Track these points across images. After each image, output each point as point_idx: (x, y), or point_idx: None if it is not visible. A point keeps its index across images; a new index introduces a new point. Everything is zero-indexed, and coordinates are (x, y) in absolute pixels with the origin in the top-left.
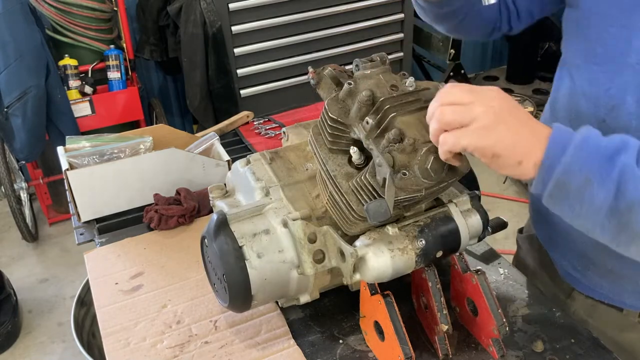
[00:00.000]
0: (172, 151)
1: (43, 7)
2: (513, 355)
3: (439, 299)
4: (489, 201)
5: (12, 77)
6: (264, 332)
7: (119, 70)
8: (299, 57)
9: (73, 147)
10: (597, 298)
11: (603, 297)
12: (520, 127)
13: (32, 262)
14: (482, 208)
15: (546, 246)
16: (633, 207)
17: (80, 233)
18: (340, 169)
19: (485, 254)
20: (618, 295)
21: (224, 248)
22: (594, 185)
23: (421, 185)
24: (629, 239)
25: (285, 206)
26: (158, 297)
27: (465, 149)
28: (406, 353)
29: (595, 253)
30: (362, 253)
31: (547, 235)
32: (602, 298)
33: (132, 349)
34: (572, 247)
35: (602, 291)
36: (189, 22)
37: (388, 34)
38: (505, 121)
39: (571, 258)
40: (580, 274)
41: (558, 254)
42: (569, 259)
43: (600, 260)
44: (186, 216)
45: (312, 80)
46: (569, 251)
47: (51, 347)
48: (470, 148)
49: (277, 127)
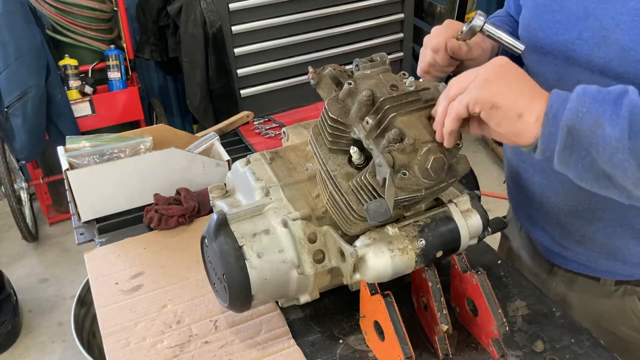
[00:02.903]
0: (172, 151)
1: (43, 7)
2: (513, 355)
3: (439, 299)
4: (489, 201)
5: (12, 77)
6: (264, 332)
7: (119, 70)
8: (299, 57)
9: (73, 147)
10: (576, 270)
11: (581, 267)
12: (521, 85)
13: (32, 262)
14: (482, 208)
15: (524, 224)
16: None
17: (80, 233)
18: (340, 169)
19: (485, 254)
20: (594, 263)
21: (224, 248)
22: (605, 126)
23: (421, 185)
24: None
25: (285, 206)
26: (158, 297)
27: (467, 107)
28: (406, 353)
29: (568, 219)
30: (362, 253)
31: (525, 212)
32: (580, 269)
33: (132, 348)
34: (548, 219)
35: (579, 261)
36: (189, 22)
37: (388, 34)
38: (506, 77)
39: (549, 229)
40: (558, 246)
41: (537, 229)
42: (547, 231)
43: (574, 226)
44: (186, 216)
45: (312, 80)
46: (545, 223)
47: (51, 347)
48: (472, 103)
49: (277, 127)
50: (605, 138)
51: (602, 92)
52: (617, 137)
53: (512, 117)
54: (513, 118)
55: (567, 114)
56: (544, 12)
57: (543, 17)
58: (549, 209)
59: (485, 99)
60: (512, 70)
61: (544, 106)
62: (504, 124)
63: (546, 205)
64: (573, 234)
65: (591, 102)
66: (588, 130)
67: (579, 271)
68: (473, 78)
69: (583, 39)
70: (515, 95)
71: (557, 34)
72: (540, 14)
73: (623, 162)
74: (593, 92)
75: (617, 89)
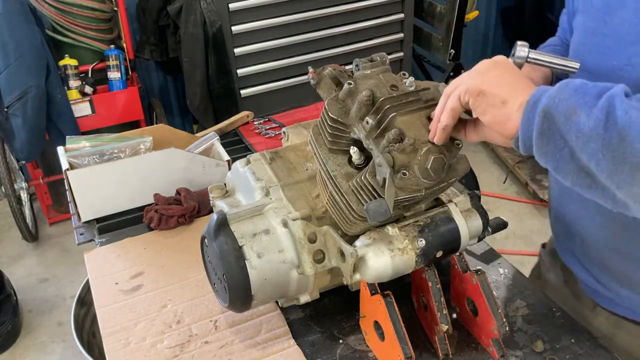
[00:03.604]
0: (172, 151)
1: (43, 7)
2: (513, 355)
3: (439, 299)
4: (489, 201)
5: (12, 77)
6: (264, 332)
7: (119, 70)
8: (299, 57)
9: (73, 147)
10: (620, 313)
11: (626, 311)
12: (512, 77)
13: (32, 262)
14: (482, 208)
15: (565, 260)
16: (626, 135)
17: (80, 233)
18: (340, 169)
19: (485, 254)
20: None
21: (224, 248)
22: (581, 113)
23: (421, 185)
24: (627, 174)
25: (285, 206)
26: (158, 297)
27: (459, 98)
28: (406, 353)
29: (607, 254)
30: (362, 253)
31: (565, 246)
32: (625, 313)
33: (132, 348)
34: (587, 253)
35: (623, 303)
36: (189, 22)
37: (388, 34)
38: (498, 69)
39: (589, 265)
40: (601, 286)
41: (578, 266)
42: (587, 268)
43: (613, 262)
44: (186, 216)
45: (312, 80)
46: (585, 259)
47: (51, 347)
48: (463, 92)
49: (277, 127)
50: (579, 126)
51: (586, 85)
52: (591, 126)
53: (496, 104)
54: (497, 105)
55: (545, 100)
56: (594, 36)
57: (592, 40)
58: (588, 242)
59: (473, 86)
60: (506, 65)
61: (527, 96)
62: (488, 111)
63: (585, 239)
64: (614, 272)
65: (572, 93)
66: (563, 116)
67: (624, 315)
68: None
69: (632, 64)
70: (502, 84)
71: (605, 59)
72: (590, 38)
73: (597, 153)
74: (576, 84)
75: (603, 85)
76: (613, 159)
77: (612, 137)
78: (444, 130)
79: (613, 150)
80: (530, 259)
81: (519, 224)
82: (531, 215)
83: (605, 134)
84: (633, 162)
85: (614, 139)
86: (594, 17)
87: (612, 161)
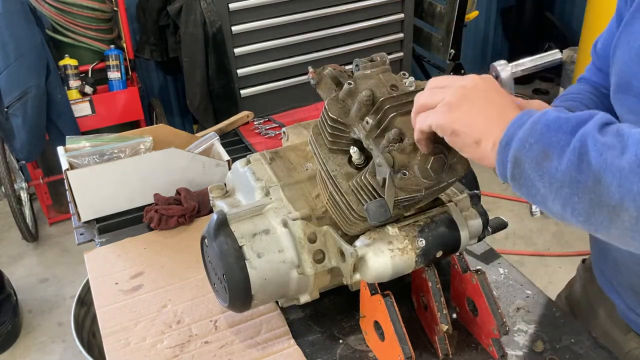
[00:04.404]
0: (172, 151)
1: (43, 7)
2: (513, 355)
3: (439, 299)
4: (489, 201)
5: (13, 77)
6: (264, 332)
7: (119, 70)
8: (299, 57)
9: (73, 147)
10: None
11: None
12: (487, 107)
13: (32, 262)
14: (482, 208)
15: (601, 284)
16: (602, 178)
17: (80, 233)
18: (340, 169)
19: (485, 254)
20: None
21: (224, 248)
22: (552, 158)
23: (421, 185)
24: (605, 217)
25: (285, 206)
26: (158, 297)
27: (430, 128)
28: (406, 353)
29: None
30: (362, 253)
31: (600, 269)
32: None
33: (132, 349)
34: (621, 279)
35: None
36: (189, 22)
37: (388, 34)
38: (472, 101)
39: (622, 292)
40: (634, 314)
41: (612, 290)
42: (620, 294)
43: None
44: (186, 216)
45: (312, 80)
46: (619, 285)
47: (51, 347)
48: (434, 126)
49: (277, 127)
50: (552, 171)
51: (559, 120)
52: (563, 170)
53: (470, 144)
54: (471, 145)
55: (515, 144)
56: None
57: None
58: (622, 268)
59: (444, 126)
60: (484, 92)
61: (501, 132)
62: (465, 150)
63: (620, 265)
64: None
65: (543, 131)
66: (534, 162)
67: None
68: (440, 99)
69: None
70: (474, 121)
71: None
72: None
73: (572, 197)
74: (549, 119)
75: (579, 117)
76: (590, 201)
77: (588, 180)
78: (419, 143)
79: (589, 192)
80: (530, 259)
81: (519, 224)
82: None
83: (579, 177)
84: (610, 205)
85: (589, 182)
86: None
87: (589, 204)
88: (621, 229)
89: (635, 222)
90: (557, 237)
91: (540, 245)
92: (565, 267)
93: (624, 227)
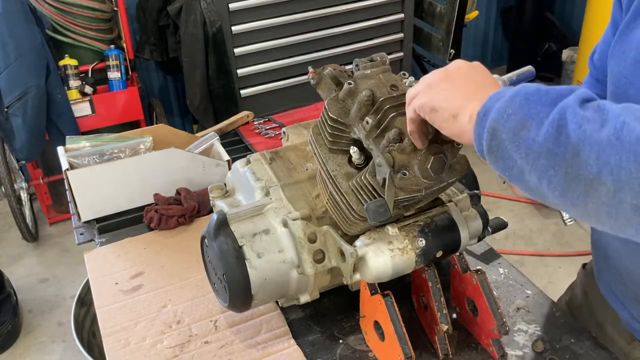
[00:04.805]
0: (172, 151)
1: (43, 7)
2: (513, 355)
3: (439, 299)
4: (489, 201)
5: (13, 77)
6: (264, 332)
7: (119, 70)
8: (299, 57)
9: (73, 147)
10: None
11: None
12: (466, 84)
13: (32, 262)
14: (482, 208)
15: (605, 294)
16: (580, 150)
17: (80, 233)
18: (340, 169)
19: (485, 254)
20: None
21: (224, 248)
22: (531, 127)
23: (421, 185)
24: (581, 190)
25: (285, 206)
26: (158, 297)
27: (414, 112)
28: (406, 353)
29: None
30: (362, 253)
31: (604, 280)
32: None
33: (132, 348)
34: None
35: None
36: (189, 22)
37: (388, 34)
38: (451, 79)
39: (626, 302)
40: (633, 320)
41: (616, 300)
42: (624, 305)
43: None
44: (186, 216)
45: (312, 80)
46: (623, 296)
47: (51, 347)
48: (417, 108)
49: (277, 127)
50: (528, 142)
51: (539, 92)
52: (540, 141)
53: (447, 119)
54: (449, 119)
55: (493, 114)
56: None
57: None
58: (626, 279)
59: (424, 104)
60: (465, 72)
61: (479, 106)
62: (444, 126)
63: (623, 276)
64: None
65: (522, 103)
66: (511, 133)
67: None
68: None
69: None
70: (451, 96)
71: None
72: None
73: (548, 170)
74: (529, 92)
75: (559, 90)
76: (566, 175)
77: (565, 152)
78: (412, 136)
79: (566, 166)
80: (530, 259)
81: (519, 224)
82: (531, 215)
83: (557, 149)
84: (588, 179)
85: (568, 154)
86: None
87: (565, 177)
88: (598, 203)
89: (612, 195)
90: (557, 237)
91: (540, 245)
92: (565, 267)
93: (601, 201)
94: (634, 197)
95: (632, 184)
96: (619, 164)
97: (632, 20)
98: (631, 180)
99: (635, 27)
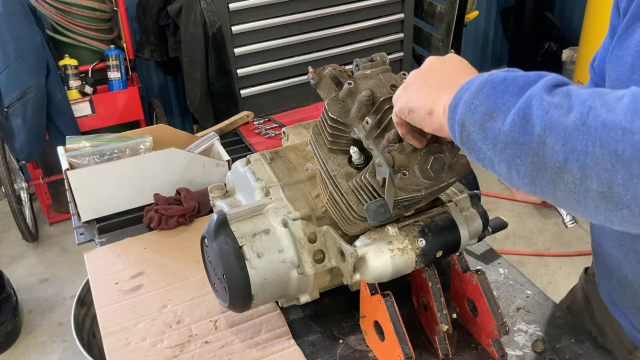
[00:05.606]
0: (172, 151)
1: (43, 7)
2: (513, 355)
3: (439, 299)
4: (489, 201)
5: (13, 77)
6: (264, 332)
7: (119, 70)
8: (299, 57)
9: (73, 147)
10: None
11: None
12: (438, 79)
13: (32, 262)
14: (482, 208)
15: (607, 304)
16: (546, 137)
17: (80, 233)
18: (340, 169)
19: (485, 254)
20: None
21: (224, 248)
22: (497, 117)
23: (421, 185)
24: (548, 179)
25: (285, 206)
26: (158, 297)
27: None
28: (406, 353)
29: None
30: (362, 253)
31: (605, 289)
32: None
33: (132, 348)
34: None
35: None
36: (189, 22)
37: (388, 34)
38: (424, 78)
39: (627, 312)
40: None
41: (616, 309)
42: (625, 314)
43: None
44: (186, 216)
45: (312, 80)
46: (624, 306)
47: (51, 347)
48: (398, 113)
49: (277, 127)
50: (495, 132)
51: (507, 80)
52: (506, 131)
53: (424, 117)
54: (425, 117)
55: (461, 107)
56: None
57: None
58: (626, 289)
59: (402, 107)
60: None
61: (451, 96)
62: (423, 124)
63: (624, 285)
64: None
65: (489, 93)
66: (478, 124)
67: None
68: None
69: None
70: (424, 94)
71: None
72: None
73: (514, 159)
74: (497, 81)
75: (529, 76)
76: (532, 164)
77: (531, 141)
78: (405, 137)
79: (532, 154)
80: (530, 259)
81: (519, 224)
82: (531, 215)
83: (522, 138)
84: (554, 167)
85: (533, 143)
86: None
87: (532, 167)
88: (566, 191)
89: (579, 182)
90: (557, 237)
91: (540, 245)
92: (565, 267)
93: (569, 189)
94: (599, 185)
95: (597, 171)
96: (584, 150)
97: (629, 25)
98: (597, 166)
99: (632, 33)
